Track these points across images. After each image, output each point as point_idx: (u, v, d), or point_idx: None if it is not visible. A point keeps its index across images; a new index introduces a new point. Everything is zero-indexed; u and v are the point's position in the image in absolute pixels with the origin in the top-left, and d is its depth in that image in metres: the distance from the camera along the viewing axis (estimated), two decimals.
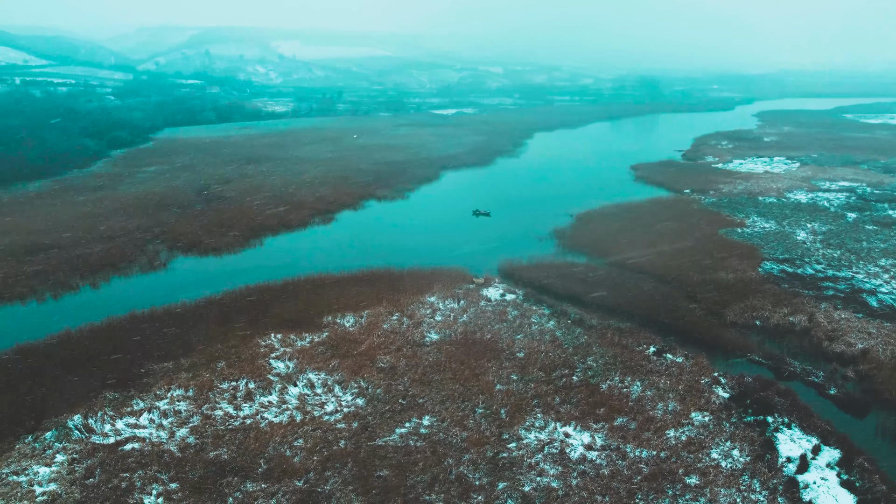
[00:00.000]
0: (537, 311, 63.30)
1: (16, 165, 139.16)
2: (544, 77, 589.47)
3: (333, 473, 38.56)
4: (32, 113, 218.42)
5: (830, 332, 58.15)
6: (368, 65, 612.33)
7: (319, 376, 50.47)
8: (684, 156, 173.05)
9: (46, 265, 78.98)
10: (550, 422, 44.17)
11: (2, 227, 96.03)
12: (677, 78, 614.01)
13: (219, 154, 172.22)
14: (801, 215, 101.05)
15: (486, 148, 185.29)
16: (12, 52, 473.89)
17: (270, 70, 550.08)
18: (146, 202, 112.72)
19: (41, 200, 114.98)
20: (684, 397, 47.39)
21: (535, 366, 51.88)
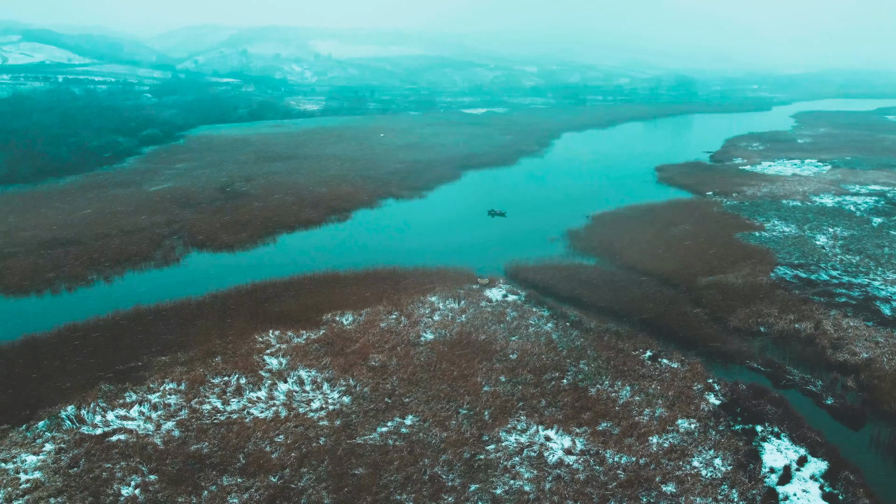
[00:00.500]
0: (537, 313, 62.90)
1: (49, 161, 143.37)
2: (579, 76, 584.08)
3: (309, 470, 38.93)
4: (71, 110, 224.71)
5: (836, 340, 56.58)
6: (403, 63, 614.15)
7: (310, 373, 50.97)
8: (712, 157, 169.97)
9: (64, 259, 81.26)
10: (533, 425, 43.89)
11: (28, 221, 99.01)
12: (716, 78, 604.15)
13: (246, 151, 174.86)
14: (823, 219, 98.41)
15: (511, 148, 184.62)
16: (58, 51, 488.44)
17: (306, 69, 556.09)
18: (169, 199, 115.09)
19: (68, 196, 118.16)
20: (673, 403, 46.63)
21: (526, 368, 51.59)
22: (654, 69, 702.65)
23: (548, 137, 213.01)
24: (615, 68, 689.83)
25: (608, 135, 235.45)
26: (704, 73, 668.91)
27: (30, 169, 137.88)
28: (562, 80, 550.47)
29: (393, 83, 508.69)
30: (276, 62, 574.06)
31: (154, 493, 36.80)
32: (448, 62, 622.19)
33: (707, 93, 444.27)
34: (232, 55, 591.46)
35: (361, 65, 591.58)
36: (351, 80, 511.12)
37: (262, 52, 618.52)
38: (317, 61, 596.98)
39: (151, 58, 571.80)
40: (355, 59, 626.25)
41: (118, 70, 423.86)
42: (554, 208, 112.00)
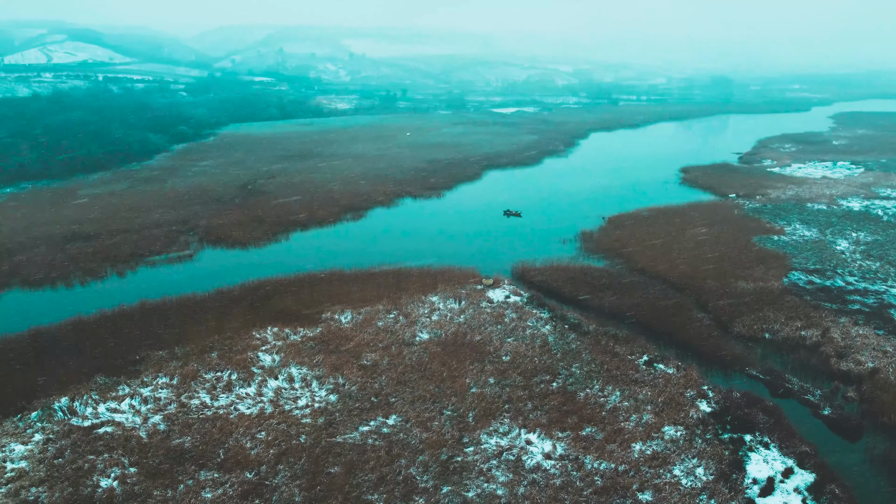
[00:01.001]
0: (536, 315, 62.29)
1: (80, 158, 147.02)
2: (614, 76, 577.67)
3: (286, 467, 39.15)
4: (106, 108, 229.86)
5: (842, 348, 54.86)
6: (437, 63, 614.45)
7: (301, 371, 51.29)
8: (741, 159, 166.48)
9: (81, 253, 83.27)
10: (515, 428, 43.46)
11: (52, 216, 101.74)
12: (755, 78, 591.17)
13: (272, 150, 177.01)
14: (847, 224, 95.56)
15: (536, 147, 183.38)
16: (100, 50, 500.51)
17: (340, 68, 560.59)
18: (190, 195, 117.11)
19: (94, 191, 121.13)
20: (662, 410, 45.71)
21: (517, 370, 51.14)
22: (692, 68, 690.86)
23: (575, 137, 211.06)
24: (651, 67, 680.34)
25: (637, 135, 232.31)
26: (743, 72, 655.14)
27: (61, 165, 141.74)
28: (596, 79, 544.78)
29: (426, 82, 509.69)
30: (310, 61, 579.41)
31: (131, 485, 37.41)
32: (481, 61, 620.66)
33: (744, 93, 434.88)
34: (268, 54, 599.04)
35: (395, 64, 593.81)
36: (384, 79, 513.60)
37: (297, 52, 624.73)
38: (351, 60, 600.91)
39: (190, 57, 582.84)
40: (389, 59, 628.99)
41: (157, 69, 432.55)
42: (571, 209, 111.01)
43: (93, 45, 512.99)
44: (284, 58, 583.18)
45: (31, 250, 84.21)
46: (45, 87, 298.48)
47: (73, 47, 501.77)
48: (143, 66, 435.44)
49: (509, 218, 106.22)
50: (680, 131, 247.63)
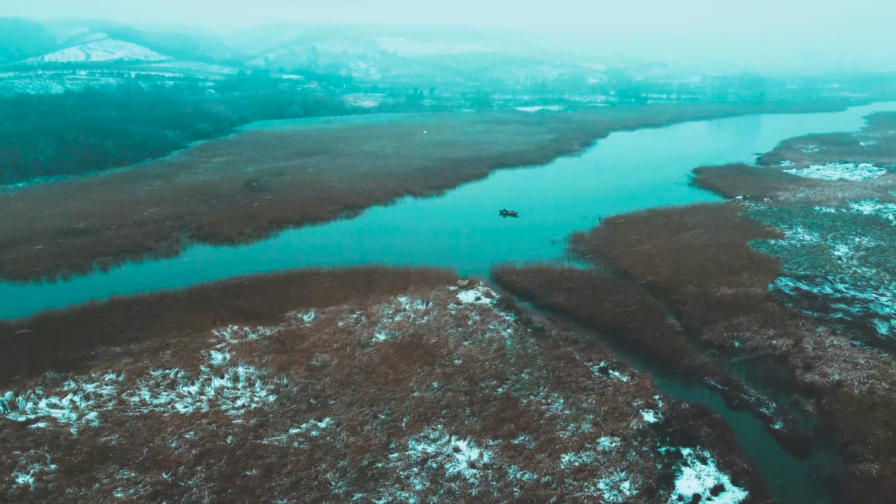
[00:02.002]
0: (500, 318, 61.07)
1: (96, 153, 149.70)
2: (647, 74, 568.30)
3: (203, 469, 38.84)
4: (132, 105, 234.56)
5: (811, 359, 52.47)
6: (468, 61, 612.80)
7: (248, 370, 51.06)
8: (760, 160, 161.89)
9: (72, 247, 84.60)
10: (447, 434, 42.47)
11: (56, 210, 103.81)
12: (793, 76, 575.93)
13: (287, 147, 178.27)
14: (852, 228, 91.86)
15: (551, 147, 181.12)
16: (137, 48, 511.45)
17: (371, 66, 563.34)
18: (193, 192, 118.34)
19: (104, 186, 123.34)
20: (604, 419, 44.19)
21: (464, 375, 50.08)
22: (730, 67, 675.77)
23: (594, 136, 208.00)
24: (687, 66, 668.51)
25: (659, 134, 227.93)
26: (782, 71, 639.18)
27: (77, 160, 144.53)
28: (629, 77, 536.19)
29: (456, 80, 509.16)
30: (342, 59, 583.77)
31: (47, 482, 37.49)
32: (513, 59, 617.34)
33: (781, 92, 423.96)
34: (301, 52, 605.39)
35: (427, 62, 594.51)
36: (414, 77, 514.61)
37: (329, 50, 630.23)
38: (383, 58, 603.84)
39: (226, 55, 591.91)
40: (421, 57, 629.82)
41: (191, 66, 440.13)
42: (570, 209, 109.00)
43: (130, 44, 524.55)
44: (317, 56, 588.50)
45: (25, 245, 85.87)
46: (77, 84, 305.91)
47: (111, 45, 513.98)
48: (176, 64, 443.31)
49: (505, 218, 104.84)
50: (704, 131, 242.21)
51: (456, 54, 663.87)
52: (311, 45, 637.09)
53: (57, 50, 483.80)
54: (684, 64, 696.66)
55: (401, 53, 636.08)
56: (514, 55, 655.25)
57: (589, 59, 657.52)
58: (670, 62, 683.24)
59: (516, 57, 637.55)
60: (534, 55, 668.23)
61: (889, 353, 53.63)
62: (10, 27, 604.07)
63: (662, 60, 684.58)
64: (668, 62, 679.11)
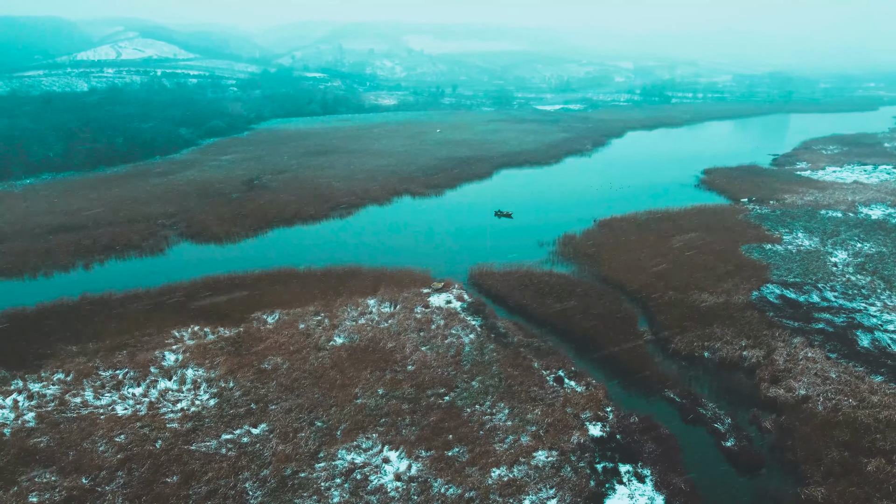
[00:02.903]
0: (466, 323, 59.58)
1: (106, 151, 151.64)
2: (676, 73, 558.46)
3: (124, 474, 38.20)
4: (152, 102, 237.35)
5: (780, 372, 50.05)
6: (494, 59, 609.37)
7: (197, 372, 50.43)
8: (776, 161, 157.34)
9: (60, 245, 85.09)
10: (379, 444, 41.23)
11: (52, 207, 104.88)
12: (828, 75, 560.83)
13: (297, 145, 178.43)
14: (855, 233, 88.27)
15: (562, 146, 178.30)
16: (166, 47, 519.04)
17: (396, 64, 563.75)
18: (192, 190, 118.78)
19: (105, 184, 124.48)
20: (547, 431, 42.52)
21: (413, 382, 48.74)
22: (763, 65, 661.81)
23: (608, 136, 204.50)
24: (718, 64, 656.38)
25: (677, 134, 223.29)
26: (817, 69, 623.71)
27: (86, 157, 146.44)
28: (657, 76, 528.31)
29: (481, 78, 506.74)
30: (368, 57, 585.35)
31: None
32: (540, 58, 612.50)
33: (812, 90, 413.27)
34: (327, 50, 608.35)
35: (453, 60, 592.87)
36: (439, 75, 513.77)
37: (356, 48, 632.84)
38: (409, 56, 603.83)
39: (255, 53, 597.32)
40: (448, 55, 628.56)
41: (218, 65, 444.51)
42: (568, 210, 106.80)
43: (160, 42, 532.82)
44: (343, 54, 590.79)
45: (15, 241, 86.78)
46: (103, 82, 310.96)
47: (142, 44, 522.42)
48: (203, 63, 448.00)
49: (500, 219, 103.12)
50: (724, 131, 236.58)
51: (482, 52, 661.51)
52: (339, 43, 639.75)
53: (89, 48, 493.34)
54: (716, 62, 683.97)
55: (427, 51, 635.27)
56: (542, 53, 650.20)
57: (617, 58, 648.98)
58: (701, 60, 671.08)
59: (543, 55, 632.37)
60: (561, 53, 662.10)
61: (865, 366, 50.98)
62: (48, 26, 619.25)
63: (693, 59, 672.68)
64: (699, 60, 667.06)
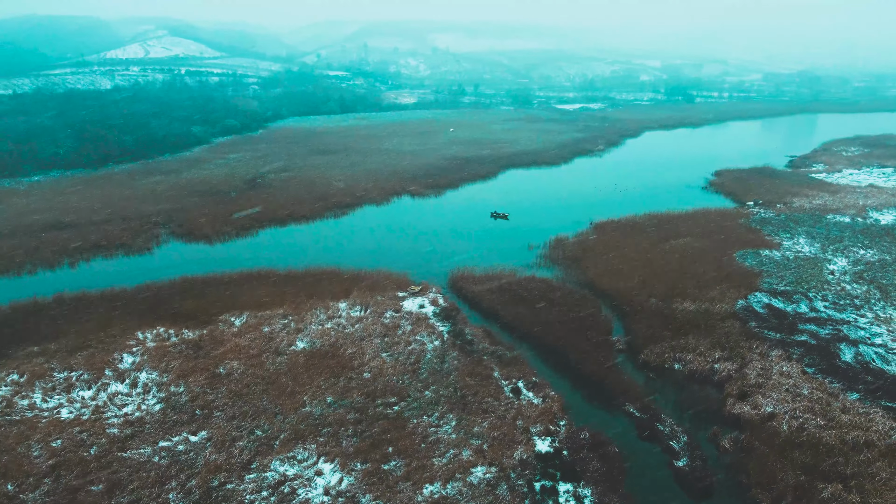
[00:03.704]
0: (433, 329, 58.13)
1: (115, 148, 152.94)
2: (705, 71, 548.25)
3: (51, 481, 37.60)
4: (170, 100, 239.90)
5: (750, 387, 47.72)
6: (519, 57, 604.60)
7: (150, 376, 49.80)
8: (792, 162, 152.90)
9: (50, 242, 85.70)
10: (315, 455, 40.04)
11: (51, 204, 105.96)
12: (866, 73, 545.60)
13: (307, 143, 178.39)
14: (860, 239, 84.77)
15: (574, 146, 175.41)
16: (193, 45, 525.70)
17: (420, 62, 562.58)
18: (192, 188, 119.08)
19: (108, 182, 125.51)
20: (491, 446, 40.92)
21: (365, 390, 47.46)
22: (796, 63, 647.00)
23: (624, 136, 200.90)
24: (749, 62, 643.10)
25: (696, 134, 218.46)
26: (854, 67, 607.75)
27: (96, 155, 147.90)
28: (685, 75, 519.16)
29: (505, 77, 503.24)
30: (393, 56, 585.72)
31: None
32: (566, 56, 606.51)
33: (844, 90, 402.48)
34: (352, 49, 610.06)
35: (477, 58, 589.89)
36: (463, 74, 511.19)
37: (381, 46, 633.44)
38: (433, 55, 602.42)
39: (282, 52, 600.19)
40: (472, 53, 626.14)
41: (242, 63, 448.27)
42: (567, 212, 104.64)
43: (188, 40, 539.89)
44: (368, 52, 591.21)
45: (6, 238, 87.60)
46: (127, 80, 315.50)
47: (170, 42, 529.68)
48: (228, 61, 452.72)
49: (496, 220, 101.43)
50: (743, 131, 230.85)
51: (508, 51, 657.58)
52: (364, 41, 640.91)
53: (119, 47, 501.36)
54: (747, 60, 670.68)
55: (452, 50, 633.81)
56: (567, 52, 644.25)
57: (645, 56, 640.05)
58: (732, 58, 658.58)
59: (569, 53, 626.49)
60: (588, 52, 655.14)
61: (842, 383, 48.40)
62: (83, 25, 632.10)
63: (723, 57, 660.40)
64: (730, 58, 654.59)
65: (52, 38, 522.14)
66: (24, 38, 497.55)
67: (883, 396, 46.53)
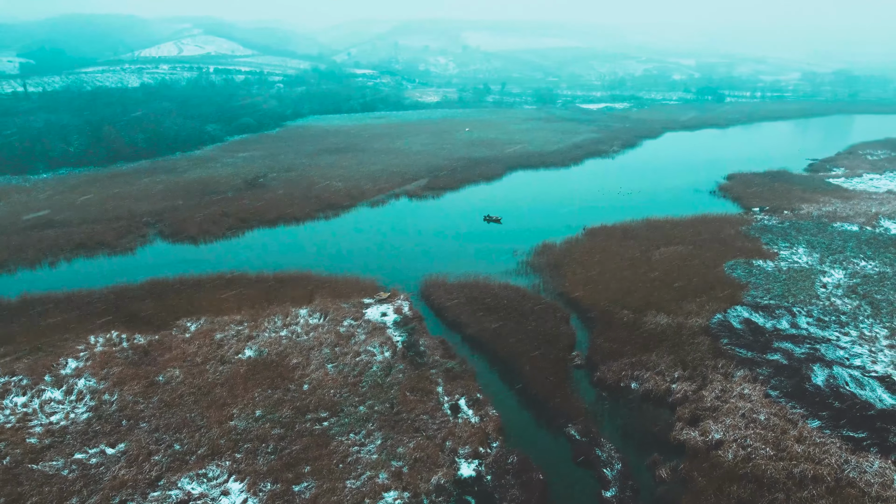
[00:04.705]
0: (387, 339, 56.30)
1: (125, 146, 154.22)
2: (741, 70, 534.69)
3: None
4: (190, 98, 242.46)
5: (704, 410, 44.86)
6: (551, 55, 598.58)
7: (88, 382, 49.02)
8: (812, 166, 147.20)
9: (35, 241, 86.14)
10: (225, 474, 38.60)
11: (50, 202, 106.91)
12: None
13: (319, 142, 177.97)
14: (863, 249, 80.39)
15: (587, 147, 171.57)
16: (226, 43, 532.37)
17: (450, 61, 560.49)
18: (191, 188, 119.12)
19: (110, 180, 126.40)
20: (411, 468, 38.97)
21: (297, 404, 45.87)
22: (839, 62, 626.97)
23: (643, 137, 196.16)
24: (788, 61, 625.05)
25: (718, 136, 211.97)
26: None
27: (106, 153, 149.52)
28: (719, 73, 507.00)
29: (534, 75, 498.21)
30: (423, 54, 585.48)
31: None
32: (598, 54, 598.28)
33: (885, 90, 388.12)
34: (383, 47, 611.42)
35: (508, 56, 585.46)
36: (492, 72, 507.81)
37: (412, 44, 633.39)
38: (464, 53, 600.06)
39: (314, 50, 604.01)
40: (503, 51, 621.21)
41: (271, 61, 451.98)
42: (563, 216, 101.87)
43: (221, 39, 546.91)
44: (398, 50, 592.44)
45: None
46: (155, 78, 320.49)
47: (203, 41, 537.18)
48: (258, 59, 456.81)
49: (489, 224, 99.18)
50: (770, 132, 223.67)
51: (539, 49, 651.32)
52: (395, 39, 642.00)
53: (154, 45, 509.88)
54: (786, 58, 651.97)
55: (483, 48, 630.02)
56: (599, 50, 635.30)
57: (679, 54, 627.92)
58: (771, 57, 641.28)
59: (602, 52, 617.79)
60: (621, 50, 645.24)
61: (806, 408, 45.23)
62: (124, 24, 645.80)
63: (761, 55, 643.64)
64: (769, 57, 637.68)
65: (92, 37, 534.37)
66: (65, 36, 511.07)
67: (847, 425, 43.24)
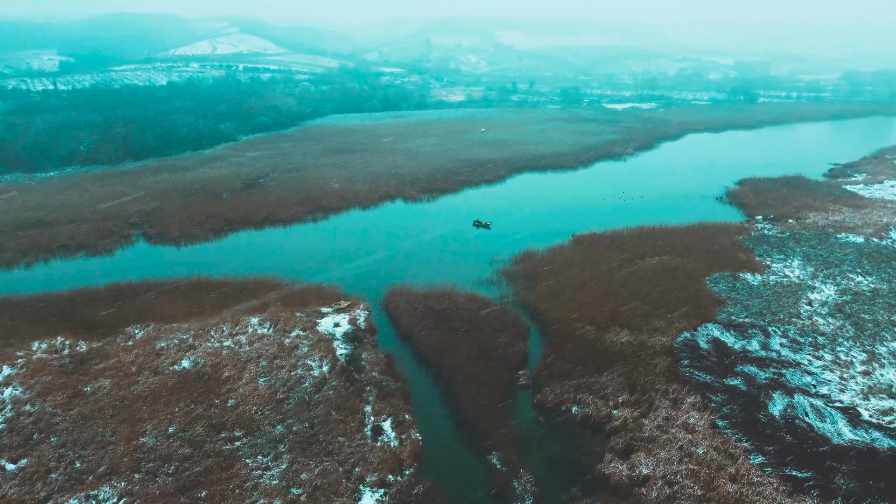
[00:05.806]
0: (331, 352, 54.37)
1: (136, 145, 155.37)
2: (779, 69, 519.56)
3: None
4: (210, 97, 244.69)
5: (639, 441, 41.87)
6: (584, 54, 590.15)
7: (14, 392, 48.18)
8: (832, 171, 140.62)
9: (18, 241, 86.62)
10: (117, 496, 37.09)
11: (45, 201, 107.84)
12: None
13: (329, 142, 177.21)
14: (863, 263, 75.67)
15: (601, 149, 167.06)
16: (260, 42, 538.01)
17: (482, 59, 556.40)
18: (190, 187, 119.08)
19: (112, 179, 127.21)
20: (309, 497, 36.94)
21: (213, 421, 44.20)
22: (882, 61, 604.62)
23: (662, 138, 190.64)
24: (830, 60, 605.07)
25: (741, 138, 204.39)
26: None
27: (115, 151, 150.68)
28: (757, 73, 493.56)
29: (565, 74, 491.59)
30: (454, 52, 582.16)
31: None
32: (632, 53, 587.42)
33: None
34: (414, 46, 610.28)
35: (539, 55, 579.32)
36: (524, 70, 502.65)
37: (444, 43, 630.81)
38: (496, 51, 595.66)
39: (347, 49, 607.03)
40: (536, 50, 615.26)
41: (301, 59, 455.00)
42: (556, 221, 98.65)
43: (255, 37, 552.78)
44: (430, 49, 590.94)
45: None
46: (183, 76, 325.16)
47: (237, 39, 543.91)
48: (288, 57, 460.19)
49: (477, 229, 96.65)
50: (799, 134, 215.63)
51: (573, 47, 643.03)
52: (427, 37, 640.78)
53: (190, 44, 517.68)
54: (829, 58, 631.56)
55: (516, 46, 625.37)
56: (634, 48, 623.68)
57: (716, 53, 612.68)
58: (812, 55, 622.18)
59: (635, 50, 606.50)
60: (656, 48, 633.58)
61: (753, 441, 41.89)
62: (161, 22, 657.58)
63: (802, 54, 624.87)
64: (810, 55, 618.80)
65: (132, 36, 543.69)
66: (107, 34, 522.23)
67: (792, 462, 39.78)
